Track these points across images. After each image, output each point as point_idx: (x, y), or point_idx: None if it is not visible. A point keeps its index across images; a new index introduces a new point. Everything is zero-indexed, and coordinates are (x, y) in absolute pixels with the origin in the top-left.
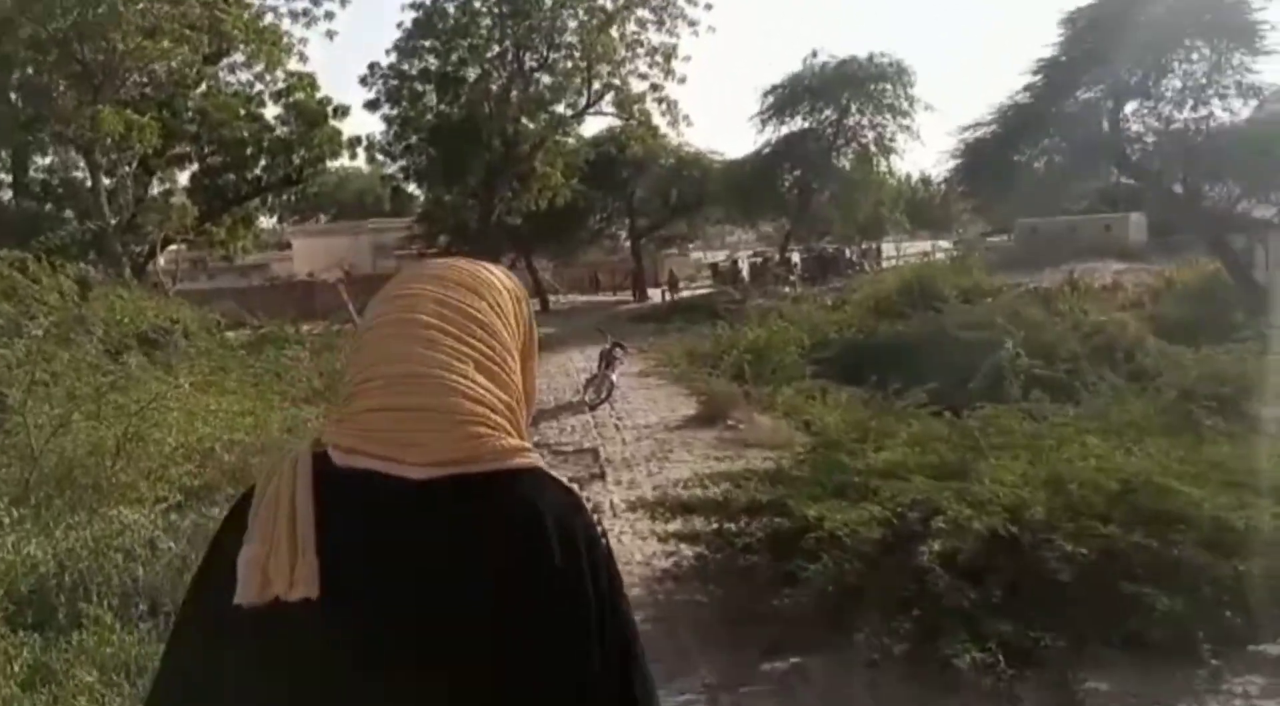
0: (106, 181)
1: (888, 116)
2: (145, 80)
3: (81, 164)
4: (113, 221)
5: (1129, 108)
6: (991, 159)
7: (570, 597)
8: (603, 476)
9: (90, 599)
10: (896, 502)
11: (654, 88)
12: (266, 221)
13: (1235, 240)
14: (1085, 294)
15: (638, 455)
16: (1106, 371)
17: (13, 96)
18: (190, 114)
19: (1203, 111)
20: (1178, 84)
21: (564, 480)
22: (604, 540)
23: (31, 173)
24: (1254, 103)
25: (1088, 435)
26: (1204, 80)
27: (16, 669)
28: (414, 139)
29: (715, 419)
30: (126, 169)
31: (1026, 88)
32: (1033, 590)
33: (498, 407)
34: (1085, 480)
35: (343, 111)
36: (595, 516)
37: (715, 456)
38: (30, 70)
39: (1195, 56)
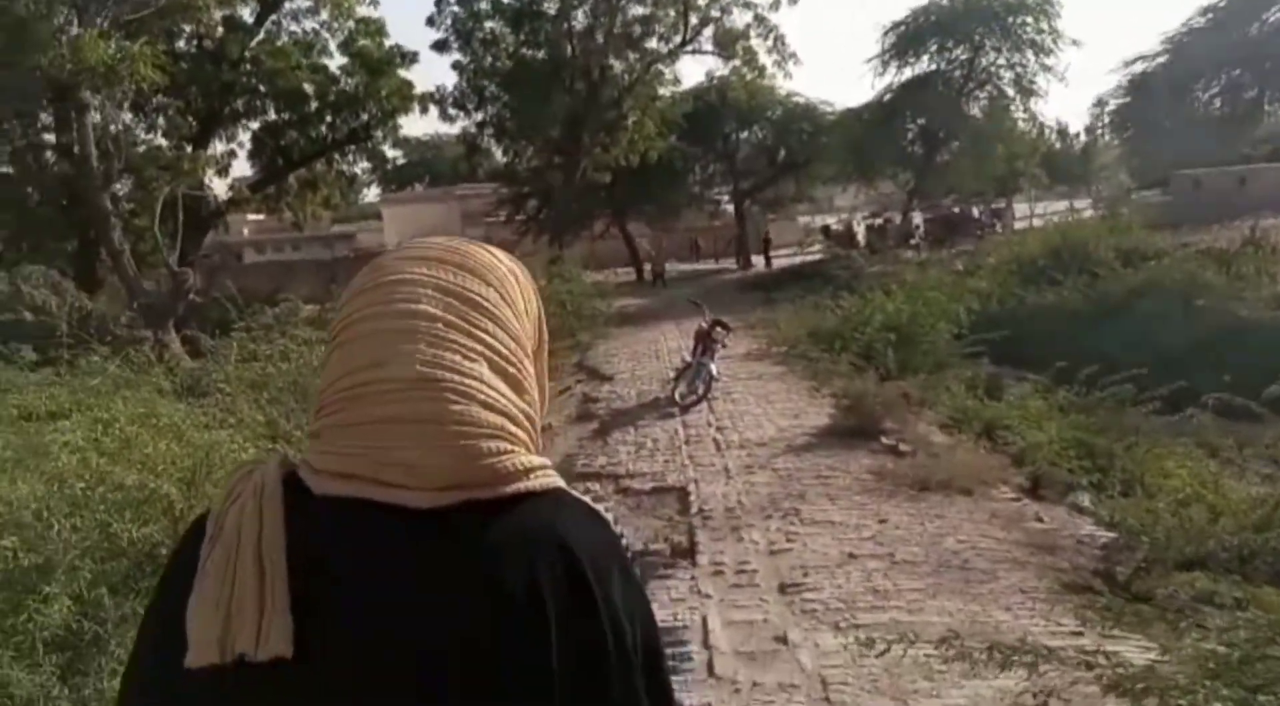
0: (97, 118)
1: (1029, 54)
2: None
3: (127, 117)
4: (100, 172)
5: None
6: (1160, 97)
7: (609, 656)
8: (692, 554)
9: None
10: None
11: (759, 20)
12: (372, 193)
13: None
14: (1274, 254)
15: (750, 502)
16: None
17: None
18: (247, 65)
19: None
20: None
21: (590, 503)
22: (638, 581)
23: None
24: None
25: None
26: None
27: None
28: (489, 87)
29: (862, 432)
30: (110, 108)
31: (1205, 10)
32: None
33: (516, 417)
34: None
35: (411, 58)
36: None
37: (881, 519)
38: None
39: None
